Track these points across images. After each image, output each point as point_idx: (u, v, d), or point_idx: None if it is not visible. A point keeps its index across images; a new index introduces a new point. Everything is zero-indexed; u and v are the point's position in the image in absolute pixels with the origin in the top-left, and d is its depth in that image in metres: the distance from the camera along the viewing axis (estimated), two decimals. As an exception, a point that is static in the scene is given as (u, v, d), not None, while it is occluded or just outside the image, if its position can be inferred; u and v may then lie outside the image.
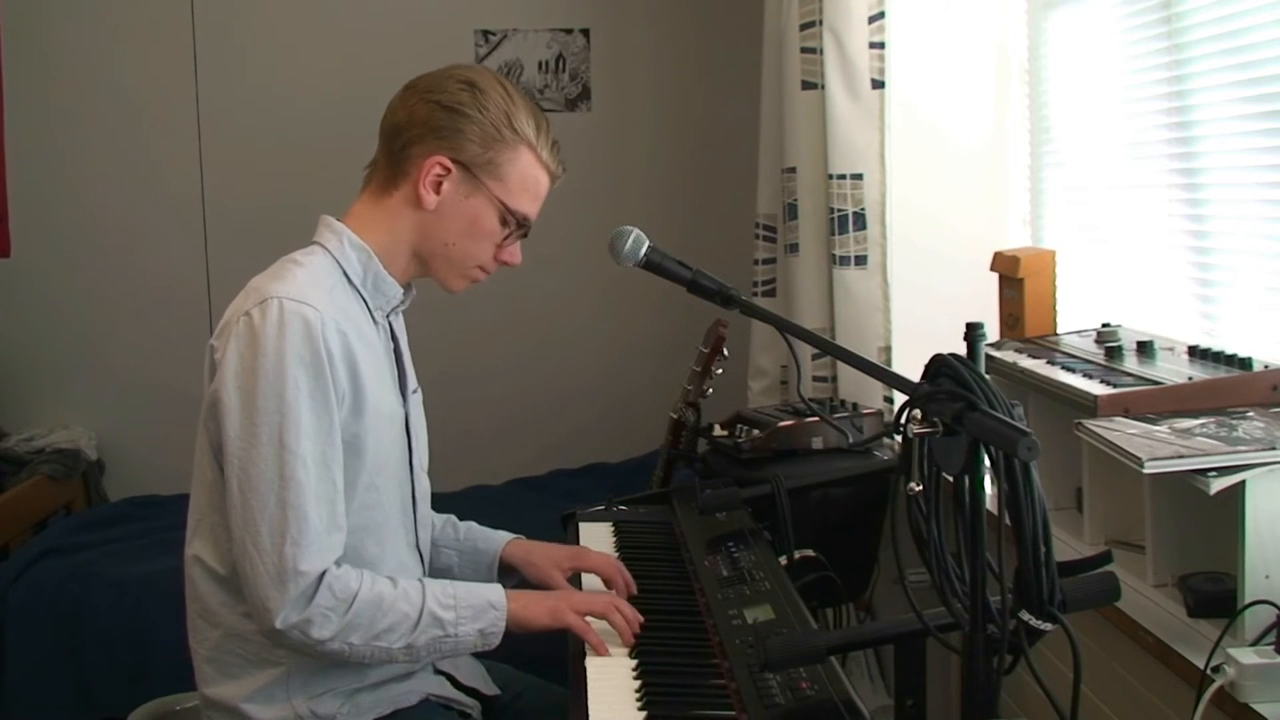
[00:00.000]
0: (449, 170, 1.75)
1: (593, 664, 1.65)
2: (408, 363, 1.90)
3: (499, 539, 2.03)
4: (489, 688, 1.94)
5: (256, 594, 1.62)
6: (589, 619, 1.73)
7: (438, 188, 1.76)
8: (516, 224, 1.80)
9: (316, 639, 1.63)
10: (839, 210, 2.86)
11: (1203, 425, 1.70)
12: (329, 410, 1.65)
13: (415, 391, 1.91)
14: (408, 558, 1.85)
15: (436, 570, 1.98)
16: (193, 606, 1.77)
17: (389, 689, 1.78)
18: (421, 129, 1.75)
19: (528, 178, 1.79)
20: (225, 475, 1.65)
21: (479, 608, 1.71)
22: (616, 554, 2.07)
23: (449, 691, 1.86)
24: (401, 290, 1.83)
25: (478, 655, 1.95)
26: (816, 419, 2.44)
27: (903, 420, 1.33)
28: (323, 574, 1.63)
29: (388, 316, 1.84)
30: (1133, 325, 2.27)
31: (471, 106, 1.74)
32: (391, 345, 1.85)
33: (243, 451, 1.63)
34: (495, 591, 1.75)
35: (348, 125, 4.10)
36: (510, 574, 1.99)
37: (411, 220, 1.79)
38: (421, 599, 1.68)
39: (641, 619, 1.74)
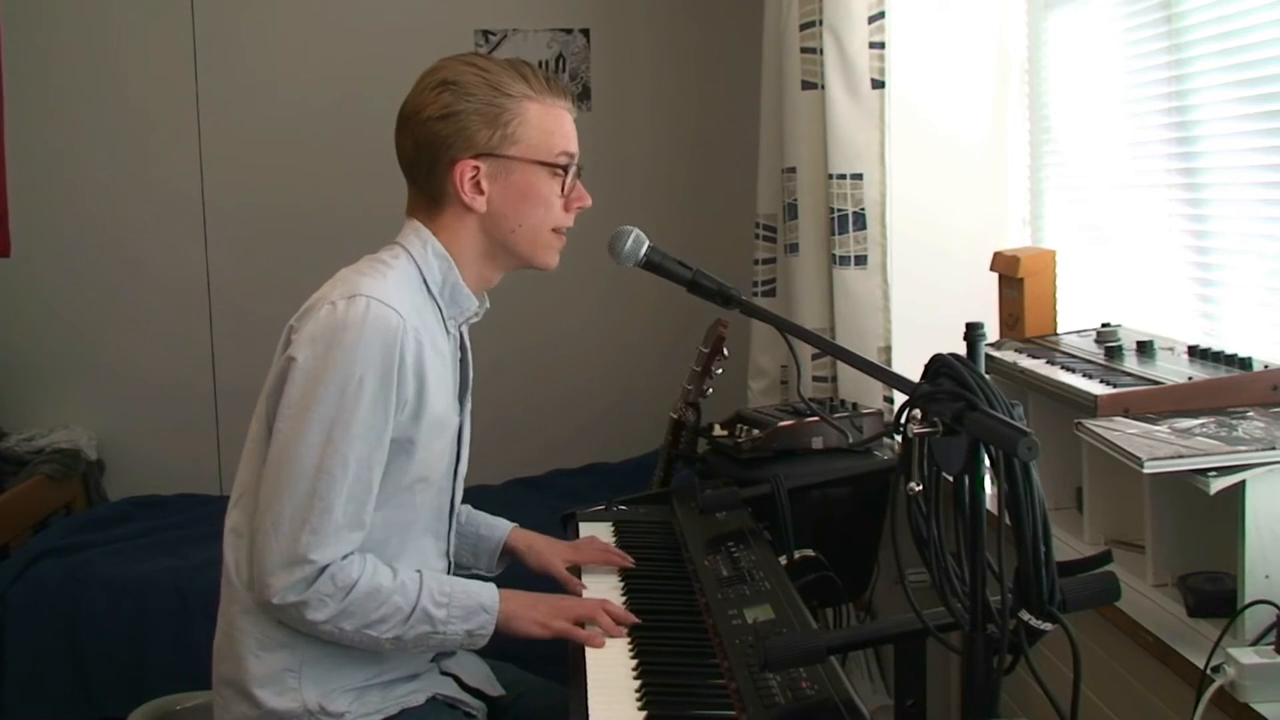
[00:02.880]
0: (478, 167, 1.76)
1: (593, 663, 1.65)
2: (471, 373, 1.91)
3: (503, 527, 2.08)
4: (494, 689, 1.95)
5: (262, 567, 1.65)
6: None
7: (478, 187, 1.76)
8: (565, 169, 1.80)
9: (310, 620, 1.66)
10: (839, 210, 2.86)
11: (1203, 425, 1.70)
12: (386, 415, 1.67)
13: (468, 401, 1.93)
14: (435, 562, 1.86)
15: None
16: (223, 578, 1.79)
17: (397, 688, 1.79)
18: (431, 149, 1.75)
19: (544, 125, 1.78)
20: (270, 448, 1.67)
21: (470, 609, 1.73)
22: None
23: (455, 692, 1.87)
24: (476, 303, 1.84)
25: (483, 656, 1.97)
26: (816, 419, 2.44)
27: (903, 420, 1.33)
28: (329, 563, 1.65)
29: (460, 326, 1.85)
30: (1133, 325, 2.27)
31: (458, 102, 1.74)
32: (459, 355, 1.87)
33: (291, 432, 1.65)
34: (489, 593, 1.76)
35: (348, 125, 4.13)
36: (505, 557, 2.07)
37: (472, 227, 1.79)
38: (417, 594, 1.70)
39: (633, 618, 1.77)
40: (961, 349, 1.33)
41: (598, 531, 2.22)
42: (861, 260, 2.85)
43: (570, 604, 1.82)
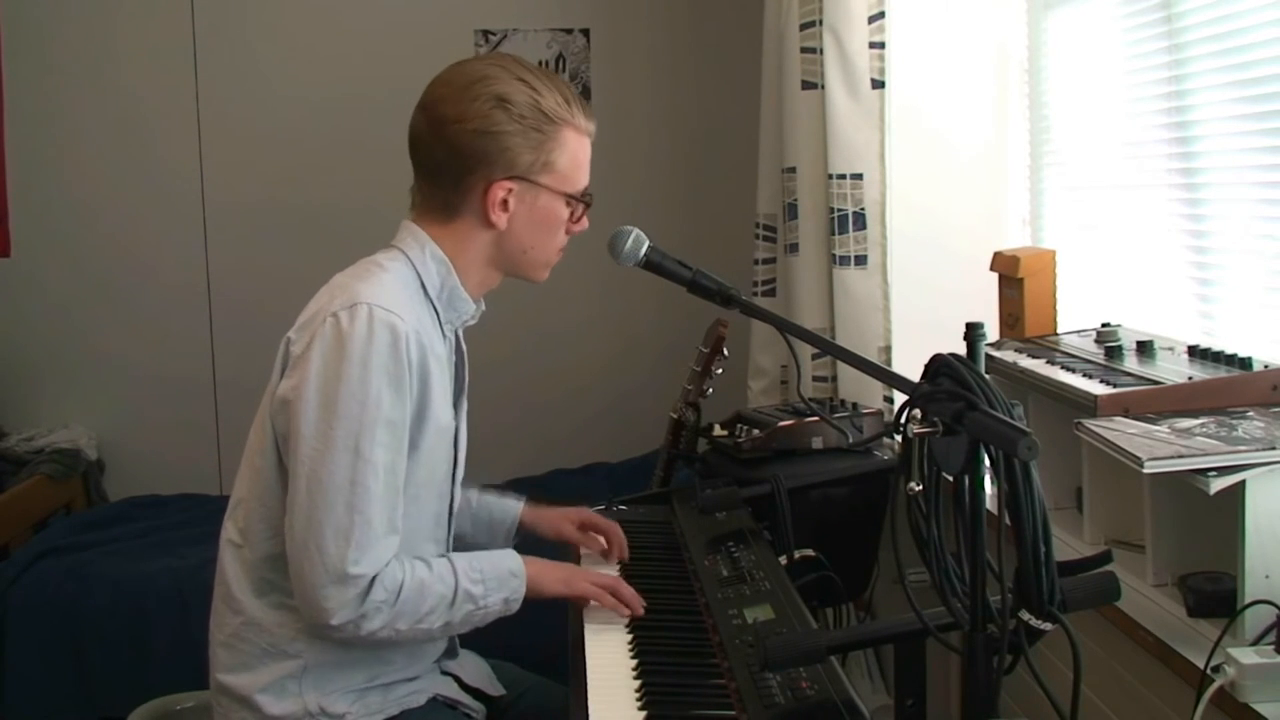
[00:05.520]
0: (511, 189, 1.75)
1: (593, 663, 1.65)
2: (466, 375, 1.91)
3: (513, 506, 2.12)
4: (494, 689, 1.95)
5: (314, 593, 1.64)
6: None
7: (505, 206, 1.76)
8: (580, 201, 1.81)
9: (368, 631, 1.67)
10: (839, 210, 2.86)
11: (1203, 425, 1.70)
12: (404, 420, 1.68)
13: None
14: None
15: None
16: (218, 590, 1.79)
17: (398, 689, 1.80)
18: (470, 160, 1.73)
19: (577, 155, 1.80)
20: (292, 472, 1.67)
21: (502, 578, 1.77)
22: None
23: (455, 693, 1.88)
24: (473, 306, 1.84)
25: (483, 655, 1.97)
26: (816, 419, 2.44)
27: (903, 420, 1.33)
28: (377, 573, 1.66)
29: (456, 330, 1.85)
30: (1133, 325, 2.28)
31: (509, 122, 1.72)
32: (455, 359, 1.87)
33: (316, 453, 1.64)
34: (514, 560, 1.80)
35: (348, 125, 4.13)
36: (518, 535, 2.10)
37: (484, 240, 1.79)
38: (454, 578, 1.73)
39: (641, 606, 1.81)
40: (961, 349, 1.33)
41: (598, 531, 2.22)
42: (861, 260, 2.85)
43: (592, 572, 1.88)
